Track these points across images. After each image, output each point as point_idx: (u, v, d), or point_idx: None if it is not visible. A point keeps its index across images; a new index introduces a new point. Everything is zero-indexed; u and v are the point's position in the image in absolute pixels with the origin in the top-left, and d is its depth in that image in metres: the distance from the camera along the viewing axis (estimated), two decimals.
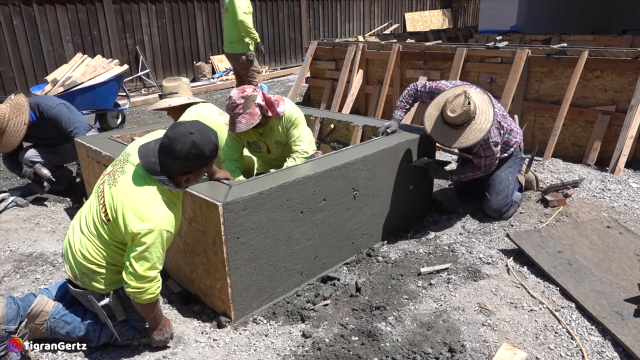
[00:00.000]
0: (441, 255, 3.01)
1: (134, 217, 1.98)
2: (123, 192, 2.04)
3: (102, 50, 8.93)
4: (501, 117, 3.31)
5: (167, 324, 2.25)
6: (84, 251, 2.10)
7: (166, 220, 2.02)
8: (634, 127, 4.32)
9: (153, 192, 2.03)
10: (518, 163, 3.57)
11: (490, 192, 3.44)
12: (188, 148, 1.96)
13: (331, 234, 2.86)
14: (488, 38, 8.51)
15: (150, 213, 1.99)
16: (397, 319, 2.44)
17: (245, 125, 2.92)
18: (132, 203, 2.00)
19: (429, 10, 16.85)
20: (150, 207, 2.00)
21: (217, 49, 10.90)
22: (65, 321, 2.21)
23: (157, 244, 2.00)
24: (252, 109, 2.94)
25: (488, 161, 3.28)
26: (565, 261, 2.77)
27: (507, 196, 3.43)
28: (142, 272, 1.99)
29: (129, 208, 2.00)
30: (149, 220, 1.98)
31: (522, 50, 5.00)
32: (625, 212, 3.54)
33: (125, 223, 1.99)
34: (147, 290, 2.03)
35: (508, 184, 3.44)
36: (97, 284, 2.13)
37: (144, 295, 2.03)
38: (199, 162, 2.04)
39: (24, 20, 7.95)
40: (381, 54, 6.33)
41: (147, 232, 1.97)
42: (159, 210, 2.01)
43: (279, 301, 2.64)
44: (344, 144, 4.06)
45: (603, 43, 7.40)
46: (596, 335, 2.27)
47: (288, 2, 12.10)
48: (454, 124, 3.04)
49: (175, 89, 3.43)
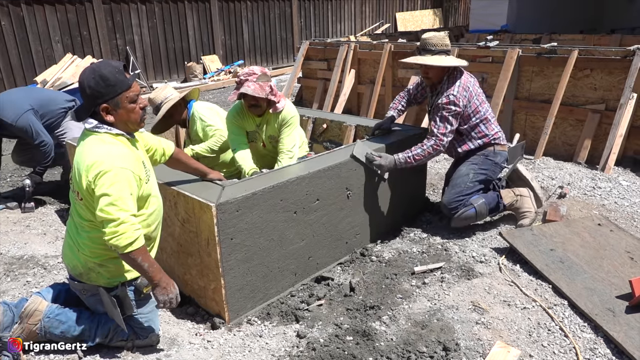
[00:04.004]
0: (435, 255, 3.02)
1: (84, 171, 1.96)
2: (75, 162, 2.04)
3: (92, 51, 8.86)
4: (477, 92, 3.18)
5: (169, 282, 2.11)
6: (85, 247, 2.09)
7: (115, 157, 1.96)
8: (623, 126, 4.36)
9: (92, 141, 2.02)
10: (488, 164, 3.23)
11: (448, 186, 3.28)
12: (87, 74, 1.99)
13: (325, 234, 2.86)
14: (479, 37, 8.54)
15: (95, 157, 1.96)
16: (391, 318, 2.44)
17: (252, 90, 2.92)
18: (80, 162, 2.00)
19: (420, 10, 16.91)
20: (93, 152, 1.98)
21: (208, 49, 10.86)
22: (59, 320, 2.19)
23: (116, 183, 1.93)
24: (264, 84, 2.99)
25: (442, 125, 3.05)
26: (558, 259, 2.79)
27: (461, 192, 3.15)
28: (107, 214, 1.90)
29: (80, 168, 1.99)
30: (97, 163, 1.94)
31: (512, 50, 5.03)
32: (615, 210, 3.57)
33: (81, 181, 1.97)
34: (123, 235, 1.91)
35: (466, 180, 3.18)
36: (104, 278, 2.12)
37: (122, 241, 1.91)
38: (103, 87, 1.97)
39: (12, 20, 7.86)
40: (373, 53, 6.35)
41: (100, 173, 1.92)
42: (102, 151, 1.98)
43: (273, 302, 2.63)
44: (336, 144, 4.06)
45: (592, 42, 7.47)
46: (589, 332, 2.29)
47: (279, 2, 12.08)
48: (423, 47, 3.12)
49: (165, 94, 3.45)
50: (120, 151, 2.02)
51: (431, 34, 3.17)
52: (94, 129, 2.03)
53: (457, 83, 3.10)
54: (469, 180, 3.19)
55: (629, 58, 4.41)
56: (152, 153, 2.39)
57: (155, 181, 2.27)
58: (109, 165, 1.94)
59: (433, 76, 3.18)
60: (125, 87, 2.03)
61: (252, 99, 3.01)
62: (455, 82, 3.11)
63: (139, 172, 2.06)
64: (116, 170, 1.94)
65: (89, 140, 2.03)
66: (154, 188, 2.22)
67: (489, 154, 3.25)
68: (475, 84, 3.23)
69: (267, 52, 12.12)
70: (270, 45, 12.19)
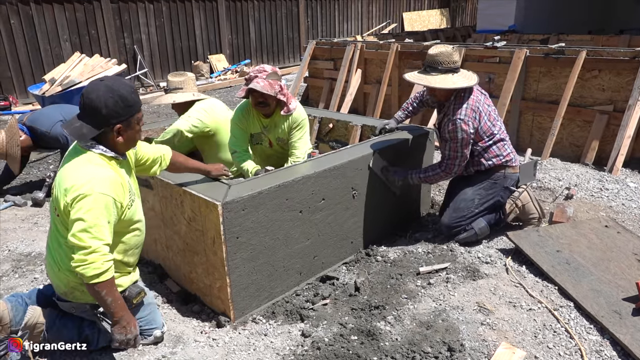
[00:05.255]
0: (440, 255, 3.02)
1: (64, 190, 1.89)
2: (57, 177, 1.97)
3: (100, 50, 8.91)
4: (488, 111, 3.03)
5: (131, 321, 1.97)
6: (64, 265, 2.01)
7: (98, 181, 1.88)
8: (631, 127, 4.33)
9: (81, 160, 1.94)
10: (496, 189, 3.10)
11: (450, 206, 3.14)
12: (104, 92, 1.89)
13: (330, 233, 2.86)
14: (486, 38, 8.52)
15: (77, 179, 1.88)
16: (396, 318, 2.44)
17: (260, 87, 2.87)
18: (62, 181, 1.92)
19: (427, 10, 16.87)
20: (77, 173, 1.90)
21: (215, 48, 10.89)
22: (62, 330, 2.17)
23: (94, 209, 1.84)
24: (274, 82, 2.95)
25: (452, 152, 2.95)
26: (564, 260, 2.77)
27: (464, 217, 3.06)
28: (80, 240, 1.82)
29: (61, 186, 1.91)
30: (77, 185, 1.86)
31: (520, 50, 5.01)
32: (623, 212, 3.55)
33: (59, 200, 1.90)
34: (91, 265, 1.81)
35: (471, 205, 3.07)
36: (89, 295, 2.00)
37: (89, 271, 1.81)
38: (121, 107, 1.93)
39: (21, 19, 7.92)
40: (379, 53, 6.34)
41: (78, 197, 1.84)
42: (86, 172, 1.89)
43: (278, 300, 2.64)
44: (342, 144, 4.06)
45: (601, 43, 7.43)
46: (594, 334, 2.28)
47: (286, 2, 12.10)
48: (430, 64, 2.92)
49: (181, 84, 3.39)
50: (106, 174, 1.94)
51: (438, 49, 2.94)
52: (89, 147, 1.97)
53: (464, 105, 2.91)
54: (474, 206, 3.08)
55: (637, 59, 4.38)
56: (149, 163, 2.33)
57: (140, 205, 2.20)
58: (89, 189, 1.86)
59: (439, 95, 3.04)
60: (139, 108, 2.02)
61: (260, 96, 2.95)
62: (463, 102, 2.93)
63: (122, 198, 1.98)
64: (96, 196, 1.86)
65: (78, 159, 1.96)
66: (138, 212, 2.15)
67: (499, 178, 3.09)
68: (485, 101, 3.05)
69: (273, 52, 12.13)
70: (277, 45, 12.20)
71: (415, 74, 3.02)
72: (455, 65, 2.93)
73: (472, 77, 2.98)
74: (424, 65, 3.01)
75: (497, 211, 3.18)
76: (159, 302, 2.68)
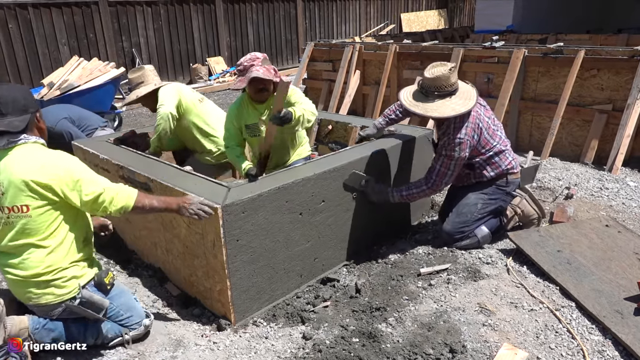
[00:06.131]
0: (440, 256, 3.01)
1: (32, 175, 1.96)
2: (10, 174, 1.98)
3: (99, 53, 8.91)
4: (487, 124, 2.95)
5: (182, 199, 2.22)
6: (30, 271, 2.02)
7: (66, 155, 2.07)
8: (630, 126, 4.33)
9: (31, 149, 2.05)
10: (498, 194, 3.06)
11: (452, 212, 3.07)
12: (8, 87, 2.10)
13: (330, 235, 2.85)
14: (484, 38, 8.53)
15: (40, 160, 2.00)
16: (397, 319, 2.43)
17: (262, 73, 2.84)
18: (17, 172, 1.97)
19: (425, 11, 16.89)
20: (34, 157, 2.01)
21: (213, 51, 10.89)
22: (48, 329, 2.14)
23: (83, 166, 2.08)
24: (269, 67, 2.94)
25: (443, 168, 2.88)
26: (565, 260, 2.77)
27: (467, 222, 3.00)
28: (93, 192, 2.02)
29: (19, 176, 1.97)
30: (49, 163, 2.00)
31: (518, 50, 5.01)
32: (623, 211, 3.55)
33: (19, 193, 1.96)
34: (115, 198, 2.07)
35: (474, 210, 3.02)
36: (62, 290, 2.07)
37: (120, 202, 2.08)
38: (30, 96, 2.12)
39: (19, 23, 7.92)
40: (378, 54, 6.34)
41: (61, 167, 2.01)
42: (47, 152, 2.05)
43: (279, 303, 2.63)
44: (342, 145, 4.05)
45: (599, 42, 7.43)
46: (596, 335, 2.27)
47: (284, 4, 12.11)
48: (428, 89, 2.81)
49: (140, 78, 3.46)
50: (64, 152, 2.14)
51: (435, 73, 2.79)
52: (22, 140, 2.07)
53: (465, 124, 2.83)
54: (477, 211, 3.02)
55: (636, 58, 4.38)
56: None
57: None
58: (67, 158, 2.09)
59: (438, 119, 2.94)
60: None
61: (260, 83, 2.93)
62: (464, 121, 2.84)
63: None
64: (75, 160, 2.10)
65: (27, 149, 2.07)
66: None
67: (501, 183, 3.06)
68: (485, 113, 2.98)
69: (272, 54, 12.13)
70: (275, 47, 12.21)
71: (411, 101, 2.90)
72: (453, 88, 2.82)
73: (471, 95, 2.86)
74: (420, 86, 2.90)
75: (498, 217, 3.16)
76: (159, 305, 2.68)
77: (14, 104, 2.02)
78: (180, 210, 2.20)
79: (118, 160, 2.95)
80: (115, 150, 3.21)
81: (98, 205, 2.06)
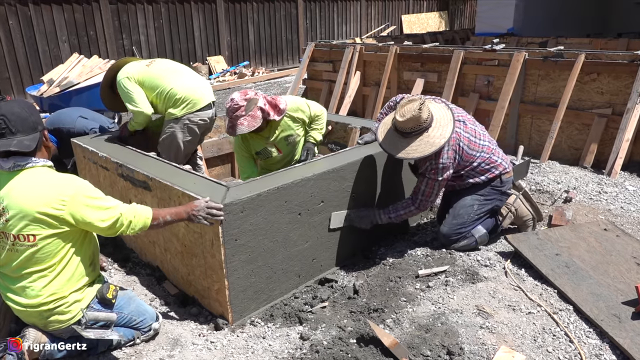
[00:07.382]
0: (439, 258, 3.01)
1: (42, 203, 1.87)
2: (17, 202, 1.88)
3: (99, 51, 8.90)
4: (469, 140, 2.91)
5: (190, 206, 2.19)
6: (33, 300, 1.98)
7: (75, 177, 1.99)
8: (630, 130, 4.34)
9: (38, 173, 1.95)
10: (494, 194, 3.06)
11: (449, 214, 3.09)
12: (15, 104, 1.95)
13: (329, 235, 2.85)
14: (485, 40, 8.53)
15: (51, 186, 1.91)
16: (395, 321, 2.43)
17: (247, 127, 2.91)
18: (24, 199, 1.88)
19: (426, 13, 16.91)
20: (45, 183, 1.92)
21: (214, 50, 10.89)
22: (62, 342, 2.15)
23: (94, 189, 2.01)
24: (254, 111, 2.93)
25: (429, 189, 2.89)
26: (563, 264, 2.77)
27: (464, 224, 3.01)
28: (109, 218, 1.98)
29: (26, 203, 1.87)
30: (60, 188, 1.91)
31: (519, 53, 5.02)
32: (622, 215, 3.55)
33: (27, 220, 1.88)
34: (133, 221, 2.04)
35: (470, 211, 3.03)
36: (66, 316, 2.04)
37: (139, 224, 2.06)
38: (36, 112, 2.02)
39: (19, 20, 7.91)
40: (378, 55, 6.34)
41: (74, 193, 1.91)
42: (55, 176, 1.96)
43: (277, 303, 2.63)
44: (341, 146, 4.05)
45: (599, 46, 7.44)
46: (594, 338, 2.27)
47: (285, 4, 12.11)
48: (403, 131, 2.76)
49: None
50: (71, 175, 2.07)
51: (406, 115, 2.71)
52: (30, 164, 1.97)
53: (446, 148, 2.80)
54: (473, 212, 3.03)
55: (636, 62, 4.38)
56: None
57: None
58: (77, 181, 1.99)
59: None
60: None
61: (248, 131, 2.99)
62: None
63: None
64: (86, 183, 2.01)
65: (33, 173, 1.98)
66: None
67: (496, 184, 3.06)
68: (464, 129, 2.92)
69: (272, 54, 12.14)
70: (275, 47, 12.21)
71: (390, 143, 2.84)
72: (427, 124, 2.76)
73: (447, 120, 2.81)
74: (394, 127, 2.83)
75: (493, 216, 3.16)
76: (156, 304, 2.67)
77: (22, 122, 1.91)
78: (190, 219, 2.19)
79: (117, 158, 2.94)
80: (114, 148, 3.20)
81: (115, 230, 2.02)
